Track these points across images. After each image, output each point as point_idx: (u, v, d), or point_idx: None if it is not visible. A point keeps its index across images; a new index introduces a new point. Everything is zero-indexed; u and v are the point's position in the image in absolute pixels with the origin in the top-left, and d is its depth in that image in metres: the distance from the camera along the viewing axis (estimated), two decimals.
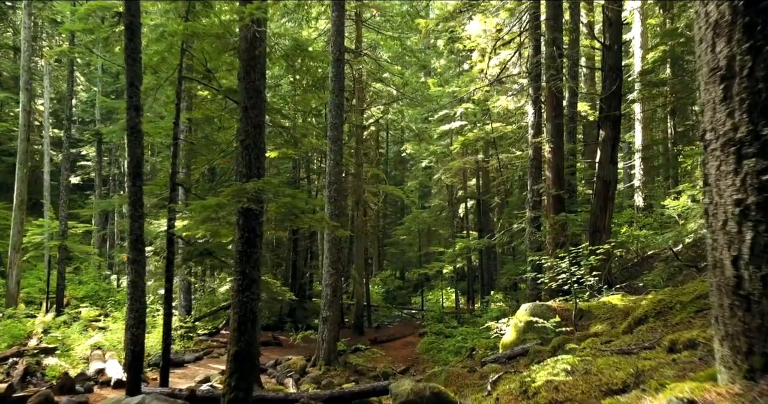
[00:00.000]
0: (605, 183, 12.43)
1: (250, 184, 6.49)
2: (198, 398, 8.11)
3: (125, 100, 8.38)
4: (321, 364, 14.09)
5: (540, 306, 8.57)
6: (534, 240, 12.95)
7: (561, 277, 8.71)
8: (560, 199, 12.62)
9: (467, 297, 28.23)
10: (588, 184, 21.16)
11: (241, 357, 6.71)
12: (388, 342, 19.91)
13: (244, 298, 6.84)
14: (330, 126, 14.57)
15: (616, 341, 4.94)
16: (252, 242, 6.93)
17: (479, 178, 26.35)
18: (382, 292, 33.30)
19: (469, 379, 6.98)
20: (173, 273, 9.06)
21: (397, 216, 40.83)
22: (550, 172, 12.79)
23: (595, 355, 4.12)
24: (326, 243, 14.44)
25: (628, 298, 8.50)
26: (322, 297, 14.52)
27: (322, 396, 8.14)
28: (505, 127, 20.16)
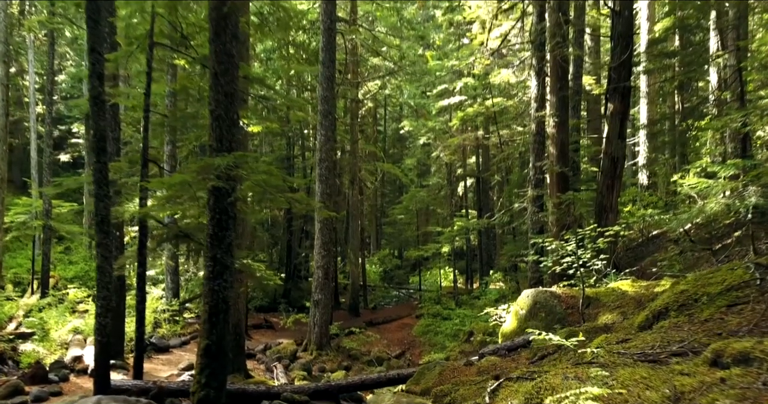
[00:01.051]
0: (613, 160, 11.67)
1: (218, 160, 5.75)
2: (170, 392, 7.49)
3: (87, 68, 7.58)
4: (312, 349, 13.53)
5: (543, 293, 7.90)
6: (536, 221, 12.24)
7: (566, 261, 8.02)
8: (564, 176, 11.87)
9: (466, 277, 27.69)
10: (592, 162, 20.37)
11: (212, 352, 6.05)
12: (384, 323, 19.37)
13: (215, 286, 6.16)
14: (321, 99, 13.75)
15: (635, 340, 4.25)
16: (224, 224, 6.21)
17: (479, 155, 25.54)
18: (379, 272, 32.75)
19: (465, 376, 6.33)
20: (146, 257, 8.37)
21: (395, 195, 40.13)
22: (554, 147, 12.02)
23: (615, 363, 3.43)
24: (318, 224, 13.73)
25: (639, 284, 7.82)
26: (314, 279, 13.89)
27: (306, 390, 7.52)
28: (506, 101, 19.28)
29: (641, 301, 6.99)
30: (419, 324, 17.90)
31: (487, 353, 7.22)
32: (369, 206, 36.77)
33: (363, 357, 14.22)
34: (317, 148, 13.92)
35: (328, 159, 13.71)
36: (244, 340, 10.89)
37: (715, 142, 19.24)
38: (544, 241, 8.13)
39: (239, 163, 5.99)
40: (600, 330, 6.02)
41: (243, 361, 10.86)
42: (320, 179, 13.68)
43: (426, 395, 6.20)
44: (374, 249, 37.86)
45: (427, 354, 15.09)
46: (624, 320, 6.33)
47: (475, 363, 6.84)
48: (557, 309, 7.63)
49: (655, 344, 3.91)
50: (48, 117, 20.87)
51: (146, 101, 8.56)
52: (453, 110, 23.45)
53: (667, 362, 3.31)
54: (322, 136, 13.68)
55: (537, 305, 7.80)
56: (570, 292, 7.96)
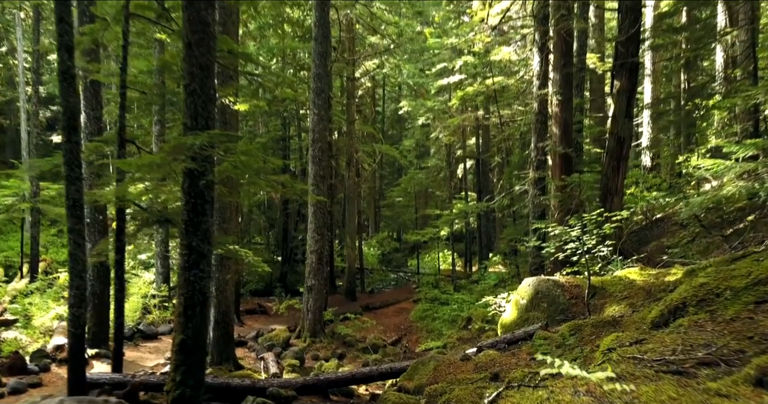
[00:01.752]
0: (619, 140, 11.11)
1: (190, 139, 5.21)
2: (150, 386, 7.06)
3: (56, 40, 7.00)
4: (306, 336, 13.14)
5: (546, 282, 7.43)
6: (537, 204, 11.74)
7: (569, 247, 7.53)
8: (568, 157, 11.34)
9: (465, 260, 27.28)
10: (595, 143, 19.79)
11: (188, 347, 5.59)
12: (381, 308, 18.98)
13: (191, 277, 5.67)
14: (314, 77, 13.13)
15: (651, 341, 3.77)
16: (200, 209, 5.70)
17: (479, 136, 24.94)
18: (377, 255, 32.35)
19: (462, 372, 5.89)
20: (124, 242, 7.87)
21: (394, 177, 39.60)
22: (557, 127, 11.46)
23: (633, 375, 2.95)
24: (311, 207, 13.23)
25: (647, 272, 7.35)
26: (307, 264, 13.43)
27: (293, 384, 7.09)
28: (506, 80, 18.63)
29: (651, 292, 6.52)
30: (416, 309, 17.52)
31: (485, 346, 6.78)
32: (367, 188, 36.24)
33: (358, 344, 13.83)
34: (310, 128, 13.34)
35: (322, 139, 13.15)
36: (233, 328, 10.47)
37: (723, 122, 18.66)
38: (546, 227, 7.64)
39: (215, 143, 5.46)
40: (608, 324, 5.56)
41: (231, 351, 10.47)
42: (313, 161, 13.14)
43: (419, 393, 5.76)
44: (373, 232, 37.43)
45: (424, 341, 14.71)
46: (633, 313, 5.87)
47: (473, 358, 6.40)
48: (560, 299, 7.16)
49: (677, 348, 3.43)
50: (35, 97, 20.21)
51: (122, 77, 7.97)
52: (452, 90, 22.80)
53: (695, 374, 2.83)
54: (315, 116, 13.10)
55: (539, 294, 7.34)
56: (574, 281, 7.49)
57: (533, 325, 6.74)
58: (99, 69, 9.38)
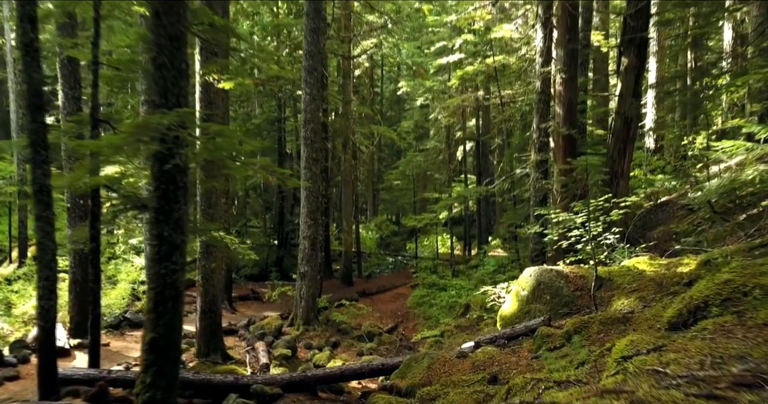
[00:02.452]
0: (626, 120, 10.57)
1: (156, 118, 4.68)
2: (128, 382, 6.63)
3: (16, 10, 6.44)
4: (299, 324, 12.73)
5: (548, 272, 6.95)
6: (539, 188, 11.22)
7: (573, 235, 7.04)
8: (572, 139, 10.80)
9: (464, 244, 26.85)
10: (598, 123, 19.21)
11: (158, 346, 5.12)
12: (378, 294, 18.58)
13: (162, 270, 5.18)
14: (305, 54, 12.50)
15: (672, 349, 3.29)
16: (171, 196, 5.18)
17: (479, 117, 24.31)
18: (376, 238, 31.92)
19: (458, 372, 5.44)
20: (99, 229, 7.39)
21: (393, 159, 38.98)
22: (561, 107, 10.89)
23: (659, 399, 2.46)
24: (303, 191, 12.70)
25: (657, 262, 6.87)
26: (300, 250, 12.96)
27: (279, 381, 6.66)
28: (507, 58, 17.97)
29: (662, 284, 6.05)
30: (414, 295, 17.11)
31: (483, 342, 6.32)
32: (365, 171, 35.66)
33: (353, 332, 13.44)
34: (303, 109, 12.75)
35: (314, 120, 12.57)
36: (221, 318, 10.04)
37: (732, 102, 18.05)
38: (550, 213, 7.14)
39: (186, 123, 4.93)
40: (617, 321, 5.09)
41: (219, 341, 10.05)
42: (306, 142, 12.58)
43: (411, 395, 5.32)
44: (371, 216, 36.98)
45: (420, 328, 14.31)
46: (645, 308, 5.39)
47: (470, 355, 5.96)
48: (564, 291, 6.69)
49: (704, 360, 2.95)
50: (19, 75, 19.53)
51: (94, 52, 7.40)
52: (452, 69, 22.12)
53: (734, 400, 2.35)
54: (307, 95, 12.50)
55: (541, 286, 6.87)
56: (578, 271, 7.01)
57: (535, 319, 6.28)
58: (71, 44, 8.77)
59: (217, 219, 9.70)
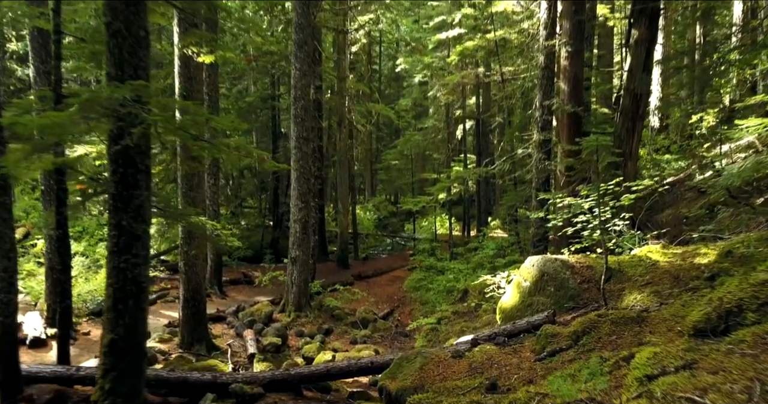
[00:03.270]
0: (635, 97, 9.93)
1: (107, 92, 4.07)
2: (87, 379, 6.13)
3: None
4: (290, 310, 12.26)
5: (553, 262, 6.40)
6: (542, 169, 10.61)
7: (579, 220, 6.47)
8: (577, 117, 10.17)
9: (463, 224, 26.33)
10: (602, 101, 18.50)
11: (119, 349, 4.59)
12: (374, 277, 18.11)
13: (121, 263, 4.62)
14: (295, 27, 11.78)
15: (706, 368, 2.75)
16: (131, 181, 4.60)
17: (479, 95, 23.56)
18: (374, 219, 31.39)
19: (453, 376, 4.92)
20: (66, 216, 6.81)
21: (392, 138, 38.24)
22: (566, 83, 10.23)
23: None
24: (294, 172, 12.11)
25: (672, 251, 6.31)
26: (291, 234, 12.41)
27: (260, 379, 6.16)
28: (509, 33, 17.20)
29: (679, 277, 5.50)
30: (411, 279, 16.63)
31: (481, 339, 5.80)
32: (363, 150, 34.97)
33: (347, 318, 12.98)
34: (292, 85, 12.07)
35: (305, 97, 11.91)
36: (205, 306, 9.54)
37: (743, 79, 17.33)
38: (554, 198, 6.55)
39: (143, 97, 4.31)
40: (631, 321, 4.55)
41: (204, 330, 9.57)
42: (296, 120, 11.94)
43: (401, 402, 4.80)
44: (369, 196, 36.39)
45: (417, 313, 13.85)
46: (662, 306, 4.85)
47: (466, 354, 5.43)
48: (570, 283, 6.15)
49: (752, 387, 2.41)
50: (1, 52, 18.78)
51: (55, 21, 6.73)
52: (451, 45, 21.31)
53: None
54: (297, 71, 11.82)
55: (544, 277, 6.33)
56: (585, 261, 6.45)
57: (538, 315, 5.75)
58: (40, 13, 8.08)
59: (199, 202, 9.13)
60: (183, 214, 7.36)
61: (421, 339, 10.88)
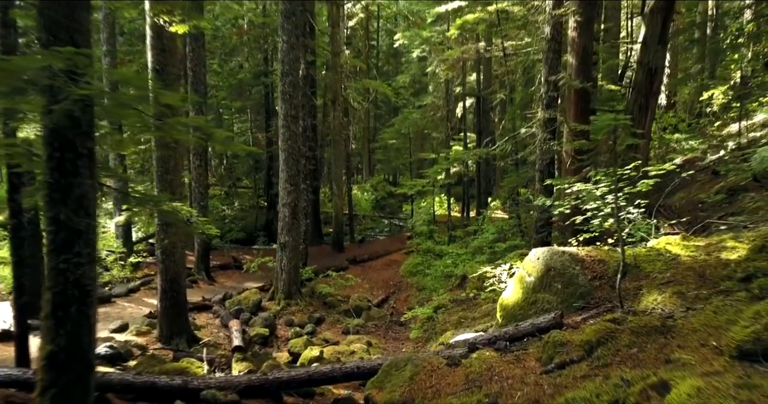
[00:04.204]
0: (649, 71, 9.18)
1: (28, 61, 3.36)
2: None
3: None
4: (280, 298, 11.67)
5: (560, 256, 5.74)
6: (546, 150, 9.90)
7: (590, 208, 5.79)
8: (586, 93, 9.42)
9: (462, 205, 25.69)
10: (609, 77, 17.65)
11: (60, 362, 3.95)
12: (370, 261, 17.52)
13: (61, 264, 3.94)
14: None
15: None
16: (69, 168, 3.90)
17: (480, 71, 22.67)
18: (371, 200, 30.71)
19: (447, 390, 4.30)
20: (20, 203, 6.14)
21: (390, 116, 37.31)
22: (574, 56, 9.45)
23: None
24: (282, 153, 11.39)
25: (693, 243, 5.65)
26: (280, 219, 11.75)
27: (235, 385, 5.56)
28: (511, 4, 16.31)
29: (705, 275, 4.85)
30: (407, 263, 16.04)
31: (480, 342, 5.17)
32: (361, 129, 34.16)
33: (340, 306, 12.40)
34: (279, 59, 11.28)
35: (293, 72, 11.12)
36: (185, 297, 8.93)
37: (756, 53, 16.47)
38: (562, 184, 5.86)
39: (79, 67, 3.59)
40: (655, 331, 3.91)
41: (185, 322, 8.97)
42: (283, 97, 11.17)
43: None
44: (367, 175, 35.63)
45: (413, 299, 13.29)
46: (689, 312, 4.20)
47: (463, 362, 4.81)
48: (579, 279, 5.50)
49: None
50: None
51: None
52: (451, 18, 20.35)
53: None
54: (284, 44, 11.02)
55: (551, 272, 5.68)
56: (596, 254, 5.79)
57: (543, 316, 5.11)
58: None
59: (176, 187, 8.44)
60: (152, 200, 6.67)
61: (416, 330, 10.31)
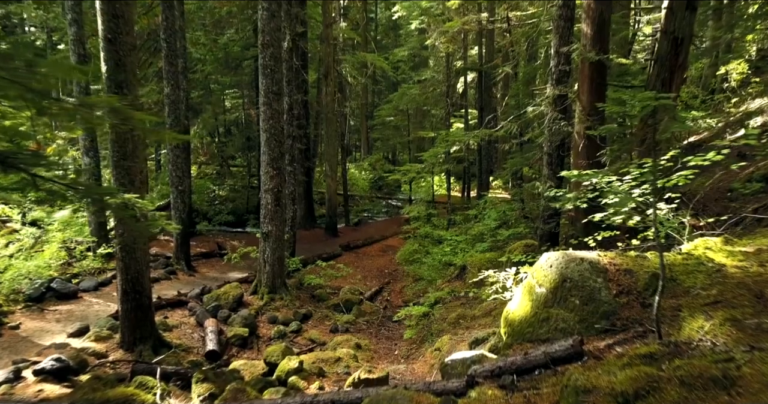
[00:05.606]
0: (675, 41, 8.03)
1: None
2: None
3: None
4: (263, 292, 10.75)
5: (578, 264, 4.74)
6: (556, 131, 8.84)
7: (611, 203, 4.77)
8: (602, 67, 8.30)
9: (462, 185, 24.68)
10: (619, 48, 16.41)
11: None
12: (364, 246, 16.61)
13: None
14: None
15: None
16: None
17: (482, 45, 21.42)
18: (369, 179, 29.68)
19: None
20: None
21: (390, 92, 36.01)
22: (590, 24, 8.30)
23: None
24: (263, 134, 10.33)
25: (738, 248, 4.66)
26: (262, 206, 10.75)
27: None
28: None
29: (764, 295, 3.85)
30: (404, 250, 15.11)
31: (481, 374, 4.20)
32: (359, 105, 32.93)
33: (329, 299, 11.51)
34: (260, 29, 10.12)
35: (274, 43, 9.98)
36: (150, 298, 7.97)
37: None
38: (579, 177, 4.82)
39: None
40: (714, 383, 2.93)
41: (150, 326, 8.03)
42: (264, 72, 10.06)
43: None
44: (365, 153, 34.50)
45: (409, 290, 12.40)
46: (753, 353, 3.21)
47: (459, 402, 3.86)
48: (602, 294, 4.52)
49: None
50: None
51: None
52: None
53: None
54: (264, 11, 9.85)
55: (567, 283, 4.69)
56: (622, 263, 4.79)
57: (559, 343, 4.14)
58: None
59: (135, 174, 7.41)
60: (103, 193, 5.66)
61: (410, 330, 9.41)
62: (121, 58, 7.17)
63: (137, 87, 7.56)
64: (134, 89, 7.39)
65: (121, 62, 7.17)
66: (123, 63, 7.20)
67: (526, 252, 9.01)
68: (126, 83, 7.25)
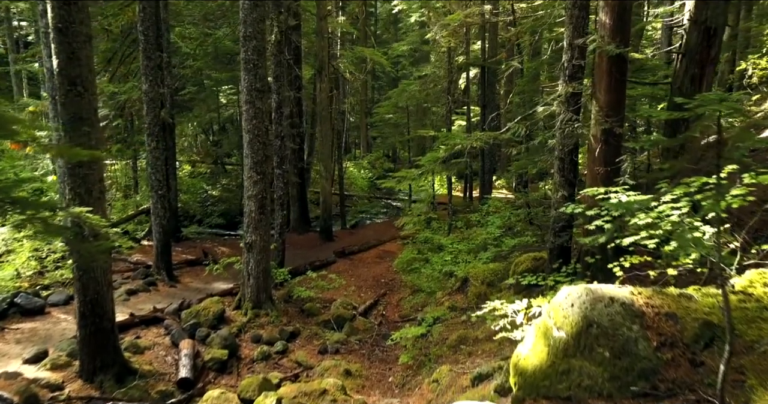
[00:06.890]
0: (706, 32, 7.13)
1: None
2: None
3: None
4: (247, 307, 9.87)
5: (607, 305, 3.83)
6: (569, 133, 7.90)
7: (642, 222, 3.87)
8: (622, 61, 7.34)
9: (464, 185, 23.76)
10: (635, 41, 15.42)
11: None
12: (360, 252, 15.71)
13: None
14: None
15: None
16: None
17: (485, 39, 20.45)
18: (368, 178, 28.77)
19: None
20: None
21: (391, 88, 35.02)
22: (608, 13, 7.35)
23: None
24: (246, 134, 9.42)
25: None
26: (245, 214, 9.85)
27: None
28: None
29: None
30: (402, 257, 14.16)
31: None
32: (358, 101, 32.01)
33: (320, 314, 10.64)
34: (241, 20, 9.19)
35: (257, 35, 9.06)
36: (112, 321, 7.10)
37: None
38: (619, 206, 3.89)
39: None
40: None
41: (113, 352, 7.16)
42: (246, 67, 9.15)
43: None
44: (365, 151, 33.56)
45: (407, 304, 11.52)
46: None
47: None
48: (639, 346, 3.61)
49: None
50: None
51: None
52: None
53: None
54: (246, 1, 8.93)
55: (592, 329, 3.79)
56: (661, 303, 3.88)
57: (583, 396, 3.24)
58: None
59: (93, 183, 6.52)
60: (35, 207, 4.79)
61: (406, 354, 8.50)
62: (75, 50, 6.29)
63: (94, 83, 6.67)
64: (91, 86, 6.51)
65: (75, 55, 6.29)
66: (77, 56, 6.32)
67: (536, 269, 8.11)
68: (80, 79, 6.36)
